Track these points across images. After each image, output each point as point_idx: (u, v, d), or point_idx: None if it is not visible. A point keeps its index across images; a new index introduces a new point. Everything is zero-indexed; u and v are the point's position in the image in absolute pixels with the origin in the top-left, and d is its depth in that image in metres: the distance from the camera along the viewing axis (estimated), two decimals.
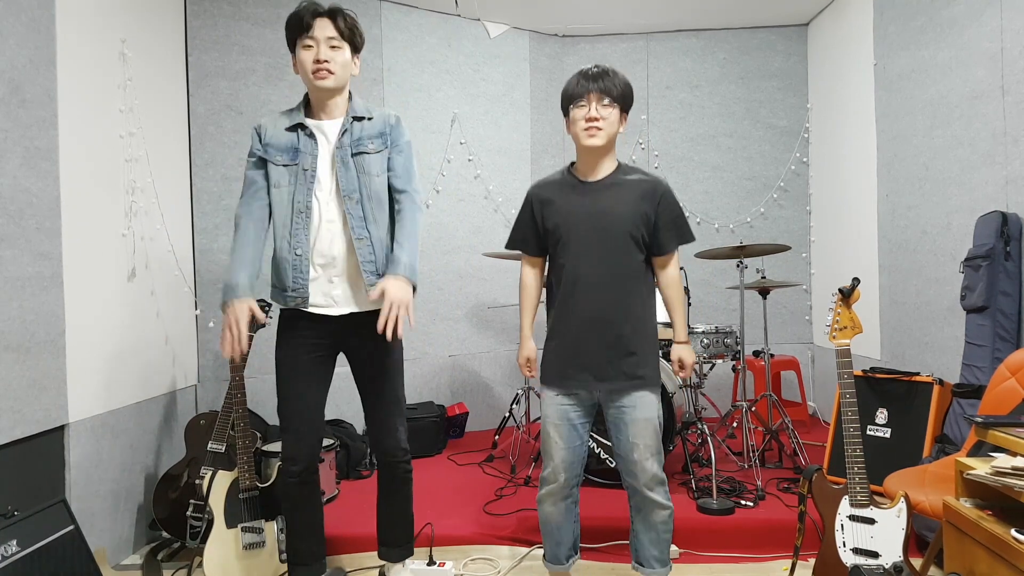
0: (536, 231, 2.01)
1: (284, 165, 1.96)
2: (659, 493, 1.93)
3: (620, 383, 1.91)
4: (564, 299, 1.93)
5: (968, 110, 2.91)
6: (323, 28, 1.89)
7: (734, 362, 3.39)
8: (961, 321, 2.81)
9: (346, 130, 1.97)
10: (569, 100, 1.91)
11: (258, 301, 2.79)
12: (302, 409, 2.02)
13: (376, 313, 1.95)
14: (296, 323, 2.02)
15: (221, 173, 3.48)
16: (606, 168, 1.93)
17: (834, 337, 2.07)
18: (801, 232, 4.62)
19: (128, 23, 2.83)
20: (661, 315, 3.09)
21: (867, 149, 3.80)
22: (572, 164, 2.00)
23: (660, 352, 3.45)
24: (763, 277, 3.39)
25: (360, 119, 2.01)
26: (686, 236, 1.99)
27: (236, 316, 1.87)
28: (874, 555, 1.90)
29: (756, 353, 3.99)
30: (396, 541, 2.21)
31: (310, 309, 1.99)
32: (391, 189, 2.03)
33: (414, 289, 1.93)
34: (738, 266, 3.18)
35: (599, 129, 1.85)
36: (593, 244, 1.89)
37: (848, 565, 1.92)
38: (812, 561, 2.05)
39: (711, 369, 3.55)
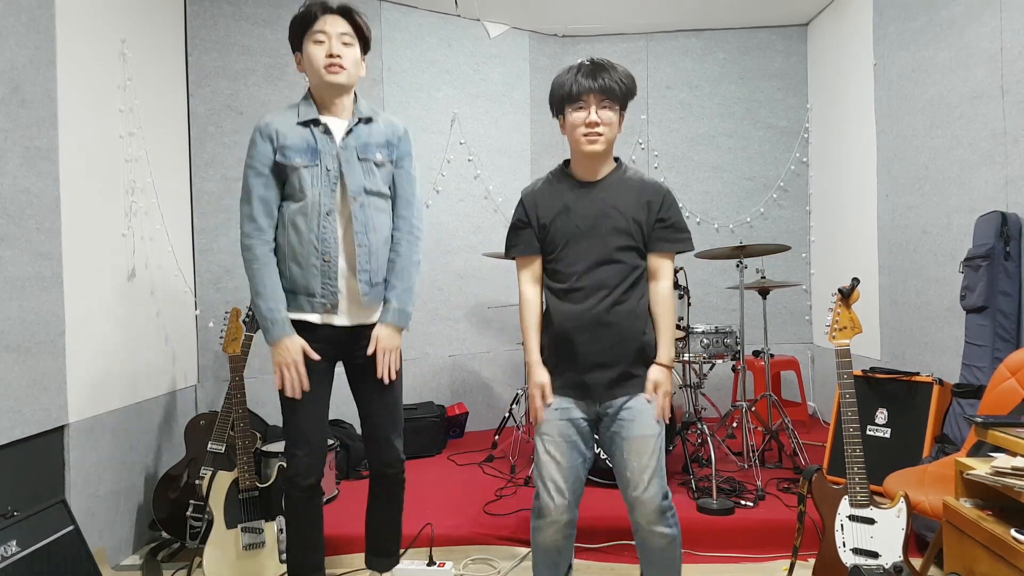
0: (535, 233, 1.85)
1: (305, 167, 1.85)
2: (661, 523, 1.72)
3: (619, 390, 1.76)
4: (561, 302, 1.80)
5: (968, 110, 2.90)
6: (335, 24, 1.83)
7: (734, 362, 3.38)
8: (961, 321, 2.80)
9: (351, 130, 1.91)
10: (564, 100, 1.73)
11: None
12: (314, 426, 1.95)
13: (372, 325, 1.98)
14: (299, 335, 1.92)
15: (221, 173, 3.48)
16: (605, 169, 1.81)
17: (834, 337, 2.07)
18: (801, 232, 4.62)
19: (128, 23, 2.83)
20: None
21: (867, 149, 3.80)
22: (566, 163, 1.86)
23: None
24: (763, 277, 3.39)
25: (367, 120, 1.94)
26: (681, 243, 1.80)
27: (294, 357, 1.86)
28: (874, 555, 1.90)
29: (756, 353, 3.99)
30: (387, 551, 2.15)
31: (326, 319, 1.92)
32: (392, 206, 1.99)
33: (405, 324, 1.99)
34: (738, 266, 3.18)
35: (599, 135, 1.70)
36: (593, 245, 1.76)
37: (848, 565, 1.92)
38: (812, 561, 2.05)
39: (711, 369, 3.55)
